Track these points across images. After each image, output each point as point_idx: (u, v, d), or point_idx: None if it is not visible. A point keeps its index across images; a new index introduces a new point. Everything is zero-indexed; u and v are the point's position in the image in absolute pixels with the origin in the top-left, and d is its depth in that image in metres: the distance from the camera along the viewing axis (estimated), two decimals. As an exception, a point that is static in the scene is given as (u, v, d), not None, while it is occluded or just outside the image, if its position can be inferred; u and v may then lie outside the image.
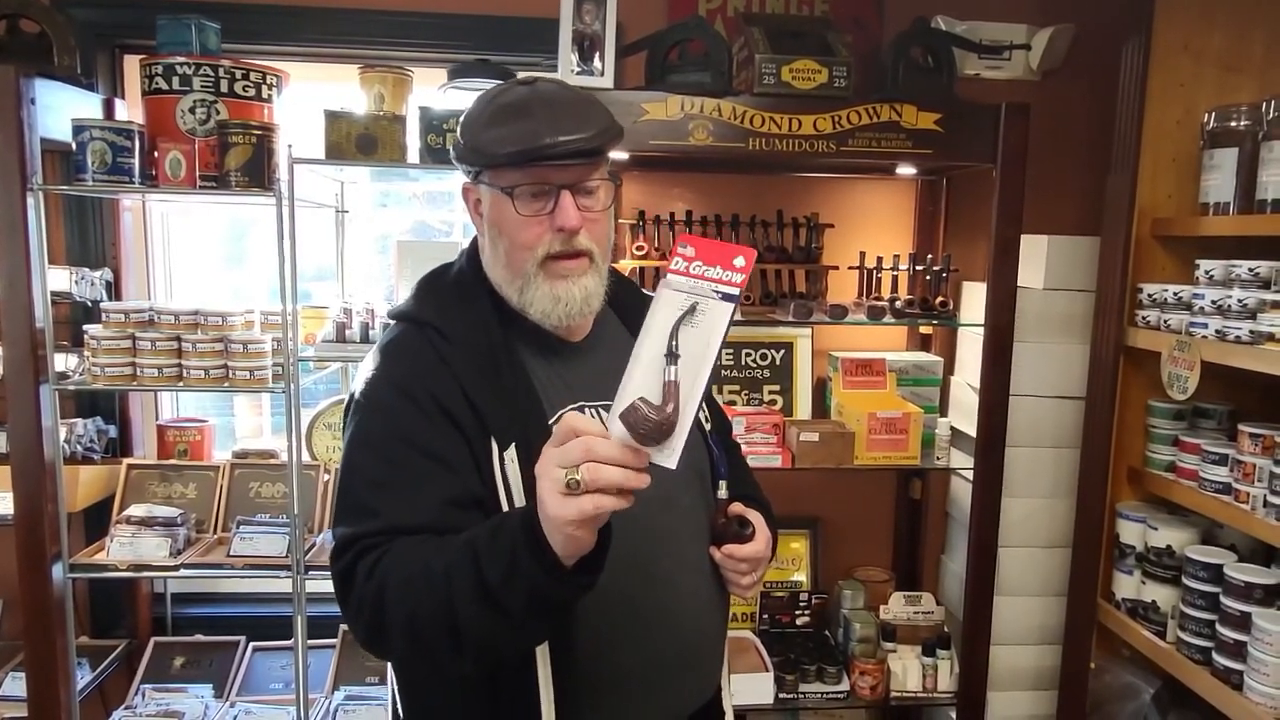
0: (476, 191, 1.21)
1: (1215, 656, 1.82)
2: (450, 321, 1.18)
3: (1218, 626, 1.82)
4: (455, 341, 1.16)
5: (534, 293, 1.17)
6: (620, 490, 0.90)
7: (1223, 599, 1.81)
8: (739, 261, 0.97)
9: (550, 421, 1.16)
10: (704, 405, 1.35)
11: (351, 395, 1.20)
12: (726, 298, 0.97)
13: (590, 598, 1.08)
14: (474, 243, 1.29)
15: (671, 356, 0.95)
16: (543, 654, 1.10)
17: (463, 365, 1.14)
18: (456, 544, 1.01)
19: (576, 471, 0.89)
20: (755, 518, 1.26)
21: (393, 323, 1.26)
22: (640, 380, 0.95)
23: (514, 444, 1.12)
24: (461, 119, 1.21)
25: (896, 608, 2.46)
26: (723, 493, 1.27)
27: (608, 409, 1.17)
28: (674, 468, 0.91)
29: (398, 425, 1.12)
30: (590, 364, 1.25)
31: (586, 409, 1.20)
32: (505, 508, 1.11)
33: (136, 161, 2.10)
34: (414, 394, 1.12)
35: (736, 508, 1.26)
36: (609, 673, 1.16)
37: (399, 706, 1.27)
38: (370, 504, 1.09)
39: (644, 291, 1.43)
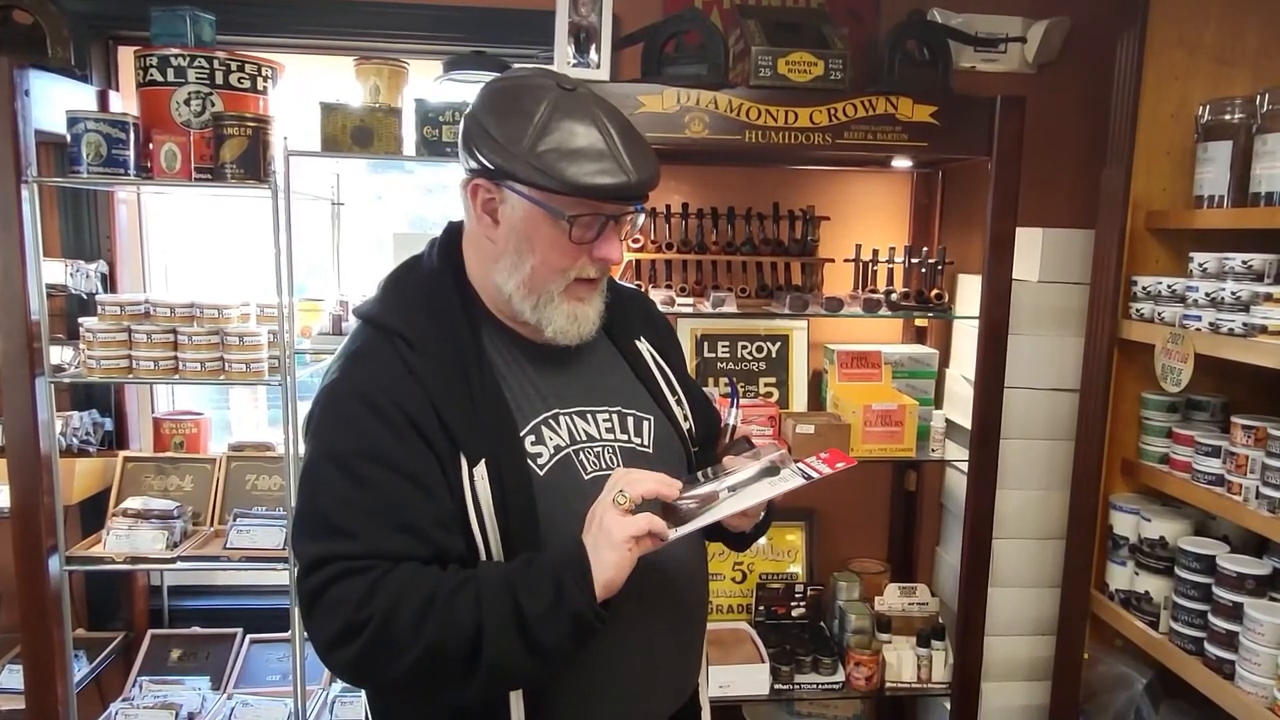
0: (496, 193, 1.12)
1: (1207, 647, 1.84)
2: (417, 328, 1.14)
3: (1210, 617, 1.83)
4: (423, 351, 1.12)
5: (552, 312, 1.15)
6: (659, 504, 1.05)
7: (1215, 590, 1.82)
8: (840, 465, 1.13)
9: (522, 434, 1.13)
10: (685, 403, 1.35)
11: (314, 402, 1.14)
12: (806, 476, 1.11)
13: None
14: (447, 235, 1.23)
15: (732, 490, 1.10)
16: None
17: (431, 377, 1.10)
18: (488, 579, 1.04)
19: (623, 493, 1.03)
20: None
21: (358, 321, 1.21)
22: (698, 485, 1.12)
23: (484, 460, 1.09)
24: (485, 110, 1.11)
25: (891, 599, 2.47)
26: (732, 419, 1.30)
27: (582, 415, 1.20)
28: (665, 539, 1.05)
29: (366, 441, 1.07)
30: (566, 368, 1.22)
31: (561, 416, 1.18)
32: (475, 525, 1.08)
33: (131, 154, 2.09)
34: (381, 407, 1.08)
35: (744, 430, 1.27)
36: (581, 683, 1.14)
37: (369, 714, 1.25)
38: (342, 524, 1.05)
39: (620, 284, 1.39)
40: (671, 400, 1.31)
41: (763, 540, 2.54)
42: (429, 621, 1.00)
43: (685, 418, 1.31)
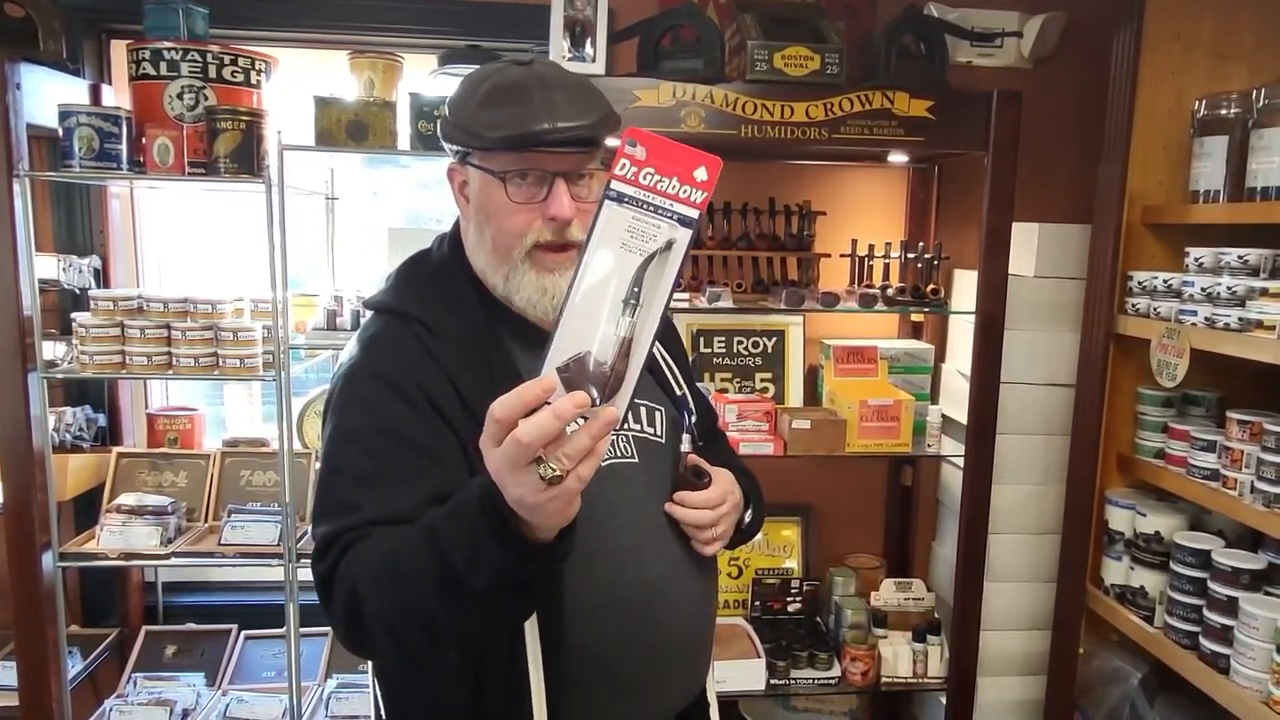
0: (463, 173, 1.16)
1: (1202, 641, 1.84)
2: (434, 312, 1.14)
3: (1205, 611, 1.84)
4: (441, 334, 1.12)
5: (520, 280, 1.13)
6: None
7: (1210, 584, 1.82)
8: (700, 174, 0.81)
9: None
10: (688, 395, 1.33)
11: (331, 391, 1.14)
12: (684, 221, 0.80)
13: (580, 597, 1.05)
14: (455, 228, 1.24)
15: (630, 307, 0.81)
16: (534, 656, 1.07)
17: (451, 358, 1.10)
18: (418, 529, 0.96)
19: (549, 466, 0.81)
20: (718, 471, 1.24)
21: (369, 313, 1.21)
22: (582, 324, 0.81)
23: None
24: (450, 96, 1.16)
25: (887, 594, 2.47)
26: (684, 445, 1.24)
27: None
28: (617, 423, 0.83)
29: (382, 417, 1.07)
30: None
31: None
32: None
33: (124, 148, 2.08)
34: (399, 385, 1.08)
35: (692, 458, 1.24)
36: (600, 675, 1.14)
37: (380, 708, 1.22)
38: (353, 500, 1.04)
39: None
40: (679, 392, 1.32)
41: (759, 535, 2.57)
42: (379, 587, 0.96)
43: (690, 412, 1.31)
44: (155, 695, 2.34)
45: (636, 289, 0.82)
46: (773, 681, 2.28)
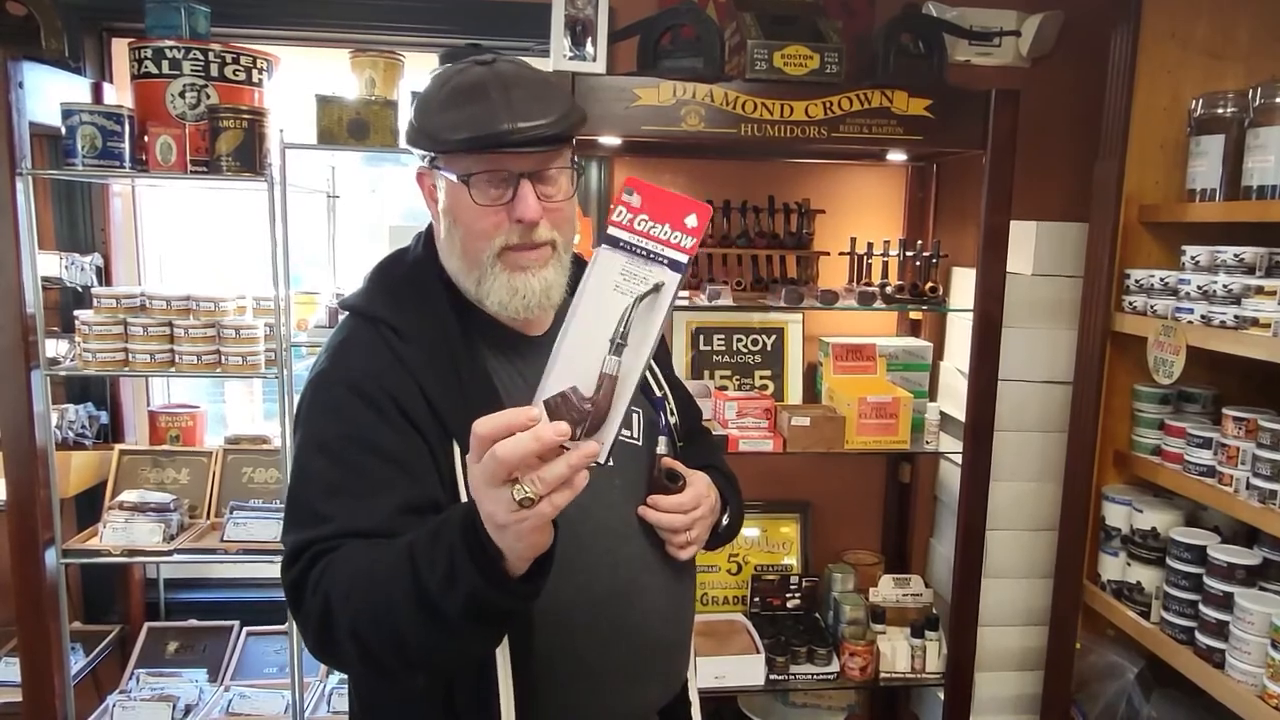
0: (431, 177, 1.16)
1: (1198, 636, 1.85)
2: (405, 317, 1.13)
3: (1200, 607, 1.85)
4: (411, 339, 1.12)
5: (491, 283, 1.12)
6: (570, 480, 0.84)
7: (1206, 580, 1.84)
8: (691, 221, 0.85)
9: None
10: (667, 394, 1.32)
11: (302, 393, 1.14)
12: (674, 266, 0.84)
13: (553, 602, 1.04)
14: (429, 229, 1.24)
15: (617, 346, 0.85)
16: (503, 657, 1.07)
17: (420, 365, 1.10)
18: (397, 547, 0.96)
19: (522, 488, 0.82)
20: (694, 475, 1.24)
21: (344, 313, 1.20)
22: (571, 363, 0.85)
23: None
24: (415, 100, 1.15)
25: (886, 590, 2.48)
26: (661, 448, 1.24)
27: None
28: (602, 462, 0.85)
29: (352, 427, 1.07)
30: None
31: None
32: None
33: (126, 146, 2.09)
34: (369, 393, 1.07)
35: (667, 461, 1.24)
36: (572, 677, 1.14)
37: (354, 705, 1.23)
38: (323, 509, 1.03)
39: None
40: (658, 393, 1.31)
41: (757, 532, 2.61)
42: (352, 599, 0.96)
43: (672, 411, 1.31)
44: (158, 691, 2.35)
45: (624, 329, 0.85)
46: (772, 677, 2.29)
